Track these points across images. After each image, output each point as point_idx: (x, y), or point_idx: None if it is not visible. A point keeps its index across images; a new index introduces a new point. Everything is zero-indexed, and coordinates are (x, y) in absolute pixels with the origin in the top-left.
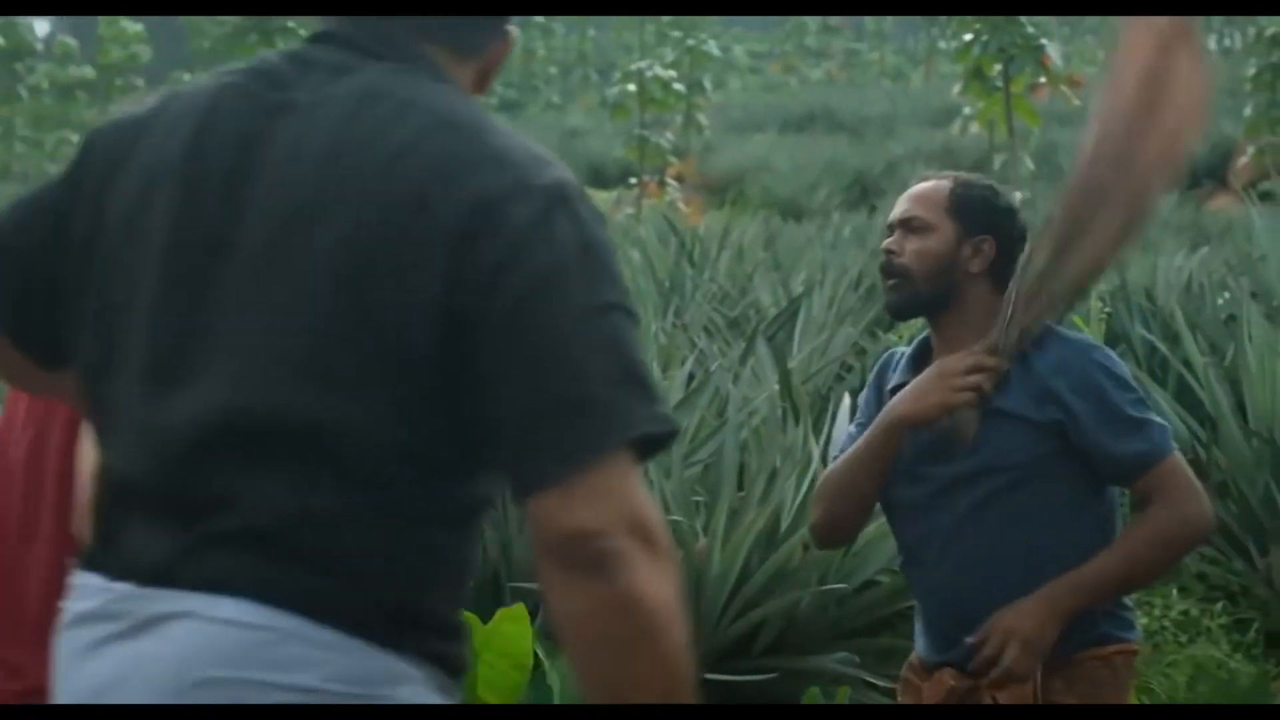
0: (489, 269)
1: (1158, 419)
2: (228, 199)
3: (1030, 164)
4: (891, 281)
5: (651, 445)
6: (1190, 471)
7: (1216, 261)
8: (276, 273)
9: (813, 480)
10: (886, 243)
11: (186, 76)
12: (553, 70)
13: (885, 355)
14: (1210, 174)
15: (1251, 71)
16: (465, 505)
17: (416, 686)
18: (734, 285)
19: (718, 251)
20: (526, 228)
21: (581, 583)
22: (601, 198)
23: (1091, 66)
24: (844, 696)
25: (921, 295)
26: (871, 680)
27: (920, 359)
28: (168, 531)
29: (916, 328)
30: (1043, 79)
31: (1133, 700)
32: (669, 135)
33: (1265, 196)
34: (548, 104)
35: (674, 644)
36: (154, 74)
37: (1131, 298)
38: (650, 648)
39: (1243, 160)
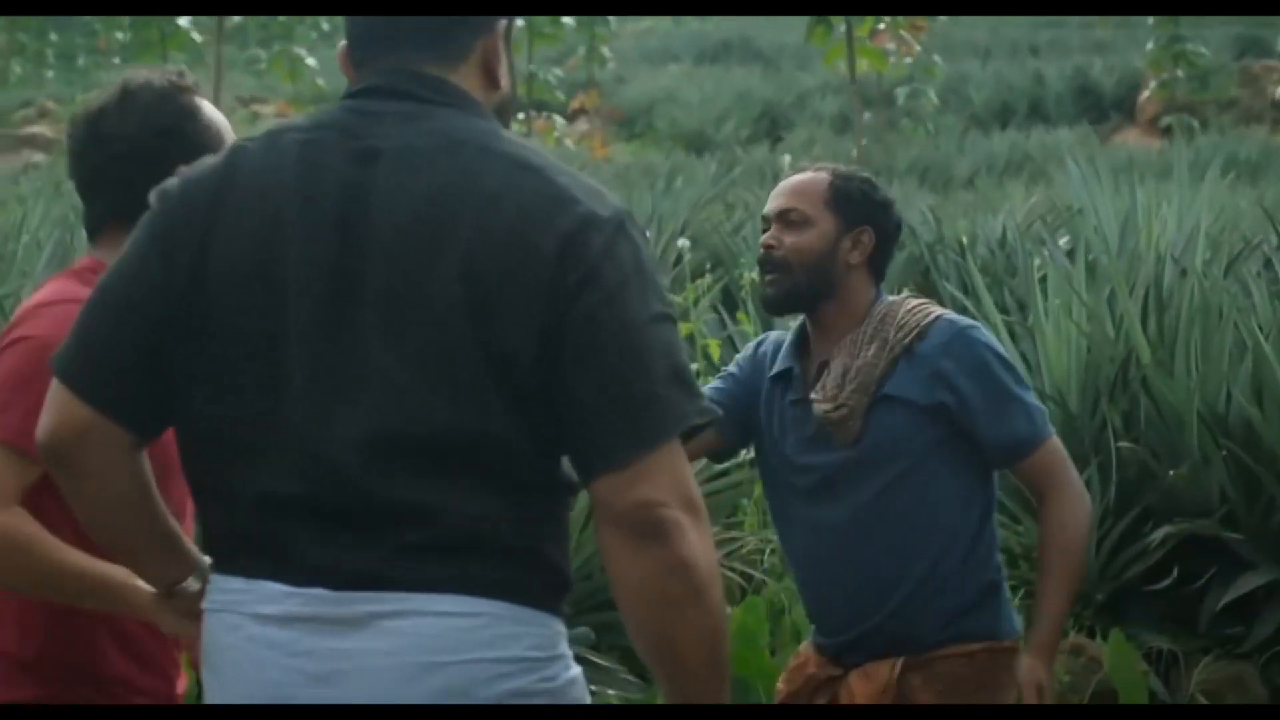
0: (574, 286)
1: (1035, 401)
2: (347, 241)
3: (934, 98)
4: (770, 276)
5: (692, 431)
6: (1065, 452)
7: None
8: (408, 306)
9: None
10: (765, 237)
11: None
12: None
13: (762, 339)
14: (1117, 106)
15: None
16: (568, 484)
17: (565, 643)
18: None
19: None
20: (599, 253)
21: (645, 548)
22: None
23: None
24: None
25: (800, 289)
26: (594, 659)
27: (799, 347)
28: (357, 540)
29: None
30: (882, 25)
31: None
32: (556, 71)
33: (1168, 131)
34: None
35: (717, 598)
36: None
37: (948, 253)
38: (700, 601)
39: (1145, 94)
